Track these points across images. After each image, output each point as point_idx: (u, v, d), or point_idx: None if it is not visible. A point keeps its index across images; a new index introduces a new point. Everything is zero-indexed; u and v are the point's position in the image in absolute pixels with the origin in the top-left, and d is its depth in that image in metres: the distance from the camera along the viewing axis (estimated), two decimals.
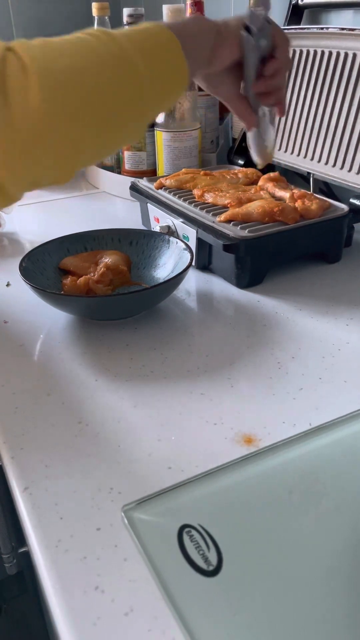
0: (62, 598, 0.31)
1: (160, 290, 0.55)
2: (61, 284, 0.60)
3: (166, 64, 0.45)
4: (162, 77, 0.45)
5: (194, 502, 0.36)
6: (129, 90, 0.42)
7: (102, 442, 0.42)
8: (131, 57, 0.42)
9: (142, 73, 0.43)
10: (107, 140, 0.44)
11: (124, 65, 0.42)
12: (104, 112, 0.42)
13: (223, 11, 1.05)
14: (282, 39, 0.53)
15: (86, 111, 0.41)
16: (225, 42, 0.51)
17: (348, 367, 0.50)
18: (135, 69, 0.42)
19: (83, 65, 0.40)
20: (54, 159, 0.41)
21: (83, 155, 0.43)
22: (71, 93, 0.39)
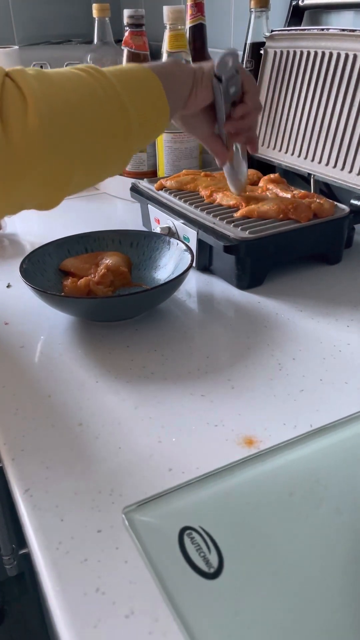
0: (63, 600, 0.31)
1: (161, 291, 0.55)
2: (62, 286, 0.60)
3: (151, 106, 0.48)
4: (147, 118, 0.48)
5: (194, 504, 0.36)
6: (118, 128, 0.45)
7: (102, 444, 0.42)
8: (121, 98, 0.45)
9: (130, 114, 0.45)
10: (95, 170, 0.47)
11: (114, 105, 0.44)
12: (94, 145, 0.44)
13: (223, 12, 1.05)
14: (251, 85, 0.58)
15: (78, 142, 0.43)
16: (200, 86, 0.55)
17: (349, 369, 0.49)
18: (124, 109, 0.45)
19: (77, 100, 0.42)
20: (44, 184, 0.42)
21: (72, 182, 0.44)
22: (65, 123, 0.41)
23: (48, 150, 0.40)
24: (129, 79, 0.47)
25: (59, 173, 0.42)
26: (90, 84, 0.44)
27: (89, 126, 0.43)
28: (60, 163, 0.42)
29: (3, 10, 1.35)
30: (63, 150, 0.42)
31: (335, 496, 0.36)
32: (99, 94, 0.44)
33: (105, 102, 0.44)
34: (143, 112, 0.47)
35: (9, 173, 0.39)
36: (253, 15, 0.85)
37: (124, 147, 0.47)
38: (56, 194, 0.44)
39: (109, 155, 0.46)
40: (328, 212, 0.66)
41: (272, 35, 0.80)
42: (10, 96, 0.39)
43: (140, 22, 0.87)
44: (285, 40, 0.78)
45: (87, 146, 0.44)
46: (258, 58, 0.84)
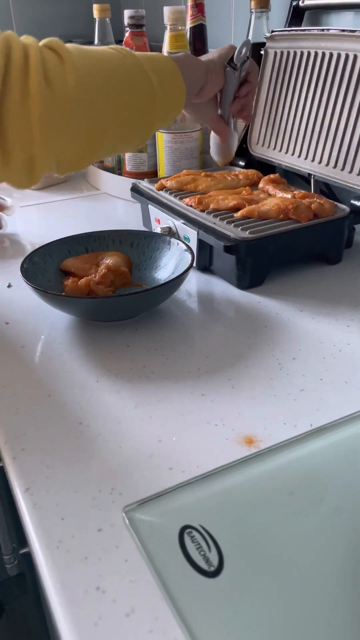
0: (63, 598, 0.31)
1: (161, 291, 0.55)
2: (62, 286, 0.60)
3: (172, 88, 0.54)
4: (169, 98, 0.54)
5: (195, 503, 0.36)
6: (145, 100, 0.51)
7: (103, 443, 0.42)
8: (148, 74, 0.51)
9: (155, 90, 0.51)
10: (123, 135, 0.51)
11: (143, 79, 0.50)
12: (123, 110, 0.49)
13: (223, 12, 1.05)
14: (253, 67, 0.67)
15: (110, 104, 0.48)
16: (213, 76, 0.62)
17: (349, 368, 0.50)
18: (151, 85, 0.51)
19: (109, 67, 0.48)
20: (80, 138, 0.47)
21: (103, 142, 0.49)
22: (99, 85, 0.47)
23: (85, 105, 0.46)
24: (152, 60, 0.52)
25: (93, 129, 0.48)
26: (120, 58, 0.50)
27: (119, 91, 0.48)
28: (94, 120, 0.47)
29: (4, 10, 1.35)
30: (97, 109, 0.47)
31: (336, 495, 0.36)
32: (129, 67, 0.49)
33: (134, 74, 0.50)
34: (165, 91, 0.53)
35: (52, 119, 0.44)
36: (253, 15, 0.85)
37: (148, 120, 0.52)
38: (89, 151, 0.49)
39: (136, 124, 0.52)
40: (328, 212, 0.66)
41: (273, 35, 0.80)
42: (50, 58, 0.44)
43: (141, 23, 0.87)
44: (286, 40, 0.78)
45: (117, 110, 0.49)
46: (258, 58, 0.84)
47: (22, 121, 0.43)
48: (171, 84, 0.54)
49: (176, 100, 0.55)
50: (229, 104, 0.67)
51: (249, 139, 0.86)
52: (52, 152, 0.46)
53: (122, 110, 0.50)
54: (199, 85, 0.61)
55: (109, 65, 0.48)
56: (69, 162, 0.49)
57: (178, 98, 0.55)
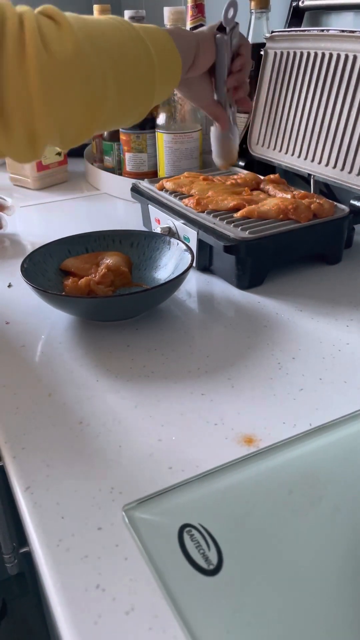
0: (63, 597, 0.31)
1: (161, 291, 0.55)
2: (62, 285, 0.60)
3: (169, 56, 0.53)
4: (166, 66, 0.53)
5: (194, 502, 0.36)
6: (144, 67, 0.50)
7: (103, 442, 0.42)
8: (146, 42, 0.50)
9: (153, 57, 0.50)
10: (124, 103, 0.50)
11: (140, 46, 0.49)
12: (124, 76, 0.48)
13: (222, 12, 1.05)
14: (243, 38, 0.65)
15: (110, 68, 0.47)
16: (205, 48, 0.60)
17: (348, 368, 0.50)
18: (149, 52, 0.50)
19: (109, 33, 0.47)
20: (82, 105, 0.45)
21: (104, 109, 0.48)
22: (99, 50, 0.45)
23: (84, 70, 0.44)
24: (146, 29, 0.52)
25: (94, 94, 0.46)
26: (117, 25, 0.49)
27: (118, 57, 0.47)
28: (94, 86, 0.46)
29: None
30: (96, 74, 0.45)
31: (335, 494, 0.37)
32: (126, 33, 0.49)
33: (132, 40, 0.49)
34: (162, 59, 0.52)
35: (51, 86, 0.43)
36: (253, 16, 0.85)
37: (148, 88, 0.52)
38: (91, 119, 0.47)
39: (136, 92, 0.50)
40: (328, 212, 0.66)
41: (272, 36, 0.80)
42: (47, 24, 0.43)
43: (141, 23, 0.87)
44: (286, 41, 0.78)
45: (117, 76, 0.48)
46: (258, 59, 0.84)
47: (21, 90, 0.42)
48: (167, 52, 0.53)
49: (173, 69, 0.54)
50: (224, 81, 0.64)
51: (249, 139, 0.86)
52: (53, 121, 0.44)
53: (122, 75, 0.48)
54: (192, 56, 0.59)
55: (107, 31, 0.47)
56: (70, 134, 0.47)
57: (174, 67, 0.54)
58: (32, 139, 0.44)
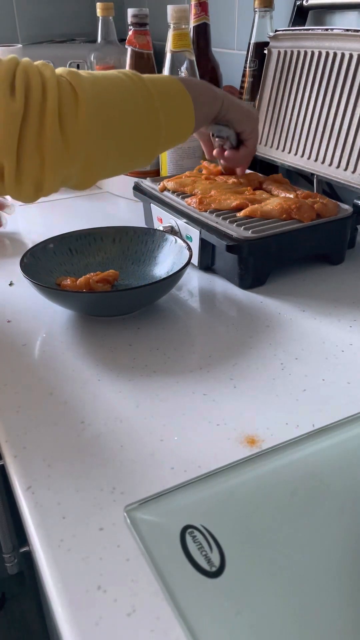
0: (64, 597, 0.31)
1: (160, 286, 0.55)
2: (62, 286, 0.60)
3: (180, 121, 0.57)
4: (174, 130, 0.57)
5: (196, 503, 0.36)
6: (149, 132, 0.54)
7: (104, 442, 0.42)
8: (156, 107, 0.53)
9: (161, 124, 0.54)
10: (124, 162, 0.56)
11: (150, 112, 0.53)
12: (127, 142, 0.53)
13: (227, 11, 1.05)
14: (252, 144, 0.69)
15: (115, 138, 0.52)
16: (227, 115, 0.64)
17: (351, 369, 0.49)
18: (157, 117, 0.54)
19: (119, 102, 0.51)
20: (86, 168, 0.51)
21: (106, 167, 0.54)
22: (107, 121, 0.50)
23: (92, 141, 0.50)
24: (165, 92, 0.55)
25: (97, 160, 0.52)
26: (132, 91, 0.52)
27: (125, 127, 0.52)
28: (100, 152, 0.51)
29: (7, 9, 1.35)
30: (103, 143, 0.51)
31: (338, 496, 0.36)
32: (138, 101, 0.52)
33: (143, 110, 0.53)
34: (172, 124, 0.56)
35: (62, 158, 0.49)
36: (257, 15, 0.85)
37: (151, 148, 0.56)
38: (92, 177, 0.53)
39: (138, 153, 0.55)
40: (331, 212, 0.66)
41: (276, 35, 0.80)
42: (66, 95, 0.48)
43: (144, 22, 0.87)
44: (289, 40, 0.78)
45: (121, 142, 0.53)
46: (262, 58, 0.84)
47: (36, 158, 0.48)
48: (180, 116, 0.56)
49: (182, 132, 0.58)
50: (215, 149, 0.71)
51: None
52: (58, 178, 0.50)
53: (125, 143, 0.53)
54: (212, 117, 0.62)
55: (119, 100, 0.51)
56: (71, 186, 0.54)
57: (185, 131, 0.58)
58: (38, 190, 0.50)
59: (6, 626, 0.98)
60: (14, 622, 0.98)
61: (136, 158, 0.56)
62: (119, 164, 0.55)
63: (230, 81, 1.00)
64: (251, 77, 0.89)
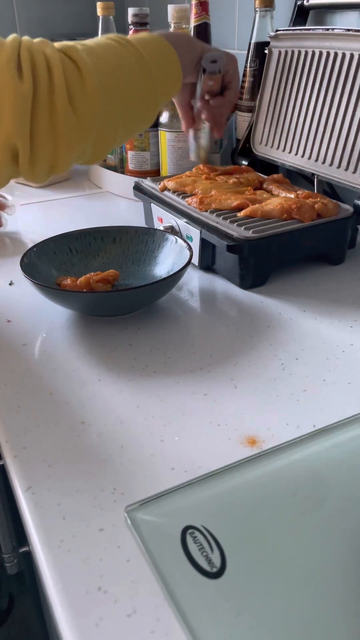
0: (65, 598, 0.31)
1: (160, 286, 0.55)
2: (62, 286, 0.60)
3: (170, 72, 0.58)
4: (166, 81, 0.58)
5: (197, 503, 0.36)
6: (147, 87, 0.55)
7: (105, 442, 0.42)
8: (148, 64, 0.55)
9: (155, 77, 0.55)
10: (131, 127, 0.57)
11: (144, 70, 0.54)
12: (130, 102, 0.54)
13: (228, 11, 1.05)
14: (235, 85, 0.69)
15: (120, 104, 0.53)
16: None
17: (352, 369, 0.49)
18: (150, 73, 0.55)
19: (117, 69, 0.52)
20: (98, 141, 0.52)
21: (116, 136, 0.54)
22: (111, 90, 0.51)
23: (101, 113, 0.50)
24: (152, 49, 0.56)
25: (109, 130, 0.53)
26: (124, 54, 0.53)
27: (126, 90, 0.53)
28: (110, 122, 0.52)
29: (7, 8, 1.34)
30: (111, 112, 0.52)
31: (339, 497, 0.36)
32: (132, 63, 0.53)
33: (137, 70, 0.53)
34: (164, 79, 0.57)
35: (76, 134, 0.49)
36: (258, 14, 0.85)
37: (151, 107, 0.57)
38: (105, 148, 0.54)
39: (141, 114, 0.56)
40: (332, 212, 0.65)
41: (277, 34, 0.80)
42: (70, 70, 0.48)
43: (145, 21, 0.87)
44: (290, 39, 0.78)
45: (126, 107, 0.53)
46: (262, 57, 0.84)
47: (50, 140, 0.48)
48: (169, 68, 0.58)
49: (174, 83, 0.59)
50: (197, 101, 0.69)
51: (252, 139, 0.86)
52: (70, 157, 0.51)
53: (129, 107, 0.54)
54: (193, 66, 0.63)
55: (119, 72, 0.52)
56: (83, 162, 0.54)
57: (176, 82, 0.59)
58: (51, 170, 0.51)
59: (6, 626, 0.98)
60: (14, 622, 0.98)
61: (140, 120, 0.57)
62: (126, 130, 0.55)
63: None
64: (252, 76, 0.89)
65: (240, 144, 0.92)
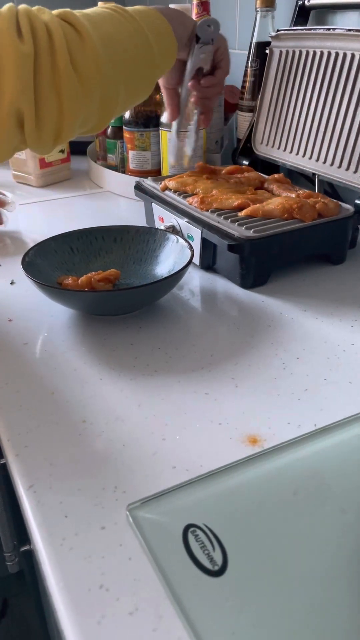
0: (67, 596, 0.31)
1: (161, 285, 0.55)
2: (63, 285, 0.60)
3: (166, 43, 0.59)
4: (163, 51, 0.58)
5: (198, 502, 0.36)
6: (145, 55, 0.56)
7: (106, 441, 0.42)
8: (146, 33, 0.56)
9: (152, 45, 0.56)
10: (132, 94, 0.57)
11: (142, 37, 0.55)
12: (130, 68, 0.54)
13: (229, 11, 1.05)
14: (225, 64, 0.69)
15: (120, 68, 0.53)
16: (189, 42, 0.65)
17: (353, 369, 0.49)
18: (148, 41, 0.56)
19: (115, 33, 0.53)
20: (101, 103, 0.52)
21: (117, 102, 0.55)
22: (111, 53, 0.52)
23: (104, 75, 0.51)
24: (150, 21, 0.57)
25: (112, 95, 0.53)
26: (122, 22, 0.54)
27: (126, 55, 0.53)
28: (112, 86, 0.53)
29: None
30: (112, 76, 0.52)
31: (340, 495, 0.36)
32: (130, 30, 0.54)
33: (135, 36, 0.54)
34: (161, 49, 0.58)
35: (79, 97, 0.49)
36: (259, 14, 0.85)
37: (149, 75, 0.58)
38: (108, 114, 0.55)
39: (141, 82, 0.57)
40: (333, 212, 0.66)
41: (278, 34, 0.80)
42: (70, 33, 0.48)
43: None
44: (291, 39, 0.78)
45: (126, 72, 0.54)
46: (263, 57, 0.84)
47: (54, 102, 0.48)
48: (167, 47, 0.59)
49: (170, 52, 0.60)
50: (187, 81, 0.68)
51: (253, 138, 0.86)
52: (75, 122, 0.51)
53: (130, 77, 0.55)
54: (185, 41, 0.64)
55: (118, 37, 0.53)
56: (88, 129, 0.55)
57: (172, 51, 0.60)
58: (57, 136, 0.51)
59: (6, 626, 0.98)
60: (14, 622, 0.98)
61: (140, 88, 0.58)
62: (127, 97, 0.56)
63: (231, 81, 1.00)
64: (253, 76, 0.89)
65: (241, 143, 0.92)
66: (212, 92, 0.71)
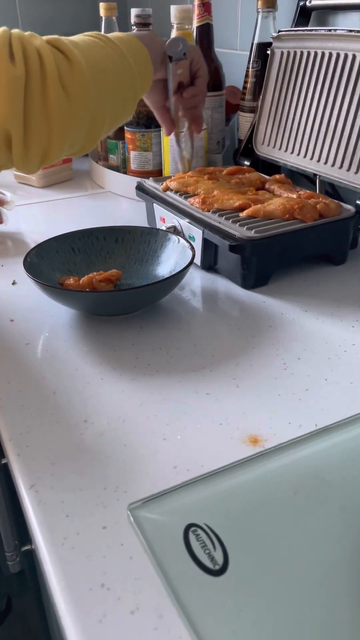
0: (68, 595, 0.31)
1: (163, 286, 0.56)
2: (64, 286, 0.60)
3: (144, 67, 0.61)
4: (142, 75, 0.61)
5: (199, 502, 0.36)
6: (128, 81, 0.58)
7: (107, 441, 0.42)
8: (128, 59, 0.58)
9: (134, 72, 0.59)
10: (117, 117, 0.59)
11: (124, 63, 0.57)
12: (116, 92, 0.56)
13: (230, 12, 1.05)
14: (203, 72, 0.70)
15: (108, 90, 0.55)
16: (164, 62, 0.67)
17: (354, 369, 0.50)
18: (130, 67, 0.58)
19: (101, 60, 0.55)
20: (89, 128, 0.54)
21: (104, 125, 0.56)
22: (99, 77, 0.53)
23: (92, 99, 0.52)
24: (130, 48, 0.59)
25: (100, 118, 0.55)
26: (106, 48, 0.56)
27: (112, 80, 0.55)
28: (100, 110, 0.54)
29: (10, 9, 1.35)
30: (100, 100, 0.54)
31: (340, 495, 0.36)
32: (113, 56, 0.56)
33: (118, 61, 0.56)
34: (141, 73, 0.60)
35: (69, 121, 0.50)
36: (260, 15, 0.85)
37: (131, 97, 0.60)
38: (96, 137, 0.56)
39: (124, 103, 0.59)
40: (334, 212, 0.66)
41: (279, 35, 0.80)
42: (60, 58, 0.50)
43: (147, 22, 0.87)
44: (292, 40, 0.78)
45: (112, 96, 0.56)
46: (265, 58, 0.84)
47: (43, 125, 0.49)
48: (145, 70, 0.61)
49: (147, 78, 0.62)
50: (171, 96, 0.70)
51: (254, 139, 0.86)
52: (63, 145, 0.52)
53: (115, 100, 0.56)
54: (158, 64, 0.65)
55: (103, 62, 0.55)
56: (73, 152, 0.56)
57: (148, 76, 0.63)
58: (44, 159, 0.52)
59: (6, 625, 0.98)
60: (14, 621, 0.99)
61: (124, 111, 0.60)
62: (113, 119, 0.58)
63: (233, 81, 1.00)
64: (254, 77, 0.89)
65: (243, 144, 0.92)
66: (197, 101, 0.72)
